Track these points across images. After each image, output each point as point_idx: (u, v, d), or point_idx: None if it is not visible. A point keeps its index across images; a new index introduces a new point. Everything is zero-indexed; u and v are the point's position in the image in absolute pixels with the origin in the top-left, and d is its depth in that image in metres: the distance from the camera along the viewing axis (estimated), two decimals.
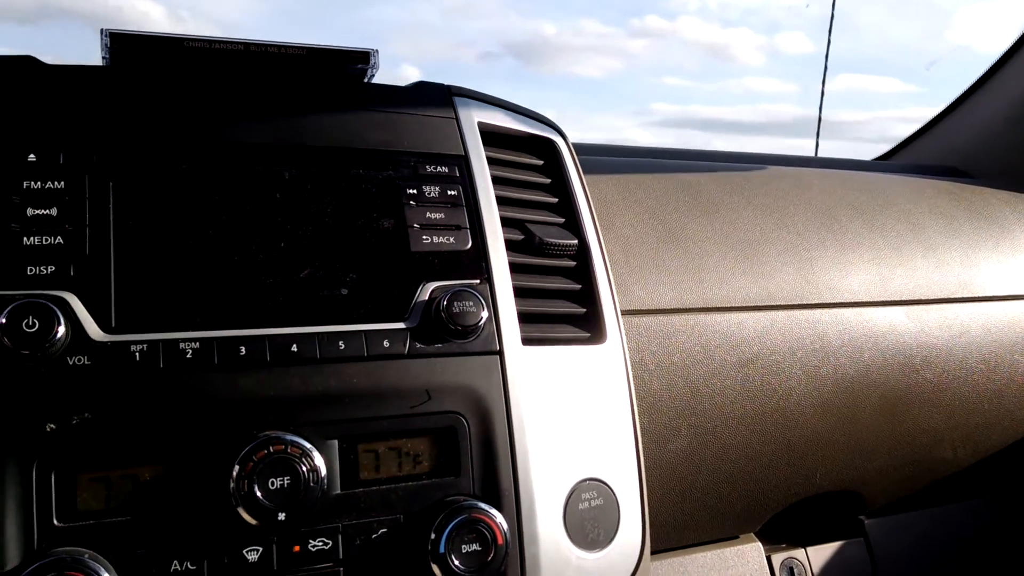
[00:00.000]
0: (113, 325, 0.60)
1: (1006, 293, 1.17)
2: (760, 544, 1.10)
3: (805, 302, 1.02)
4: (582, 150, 0.91)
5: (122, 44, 0.70)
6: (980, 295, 1.15)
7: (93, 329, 0.60)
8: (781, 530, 1.13)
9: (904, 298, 1.09)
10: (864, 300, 1.06)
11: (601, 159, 1.13)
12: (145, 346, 0.60)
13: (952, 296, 1.13)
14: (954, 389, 1.11)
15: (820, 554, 1.14)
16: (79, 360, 0.59)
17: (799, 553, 1.13)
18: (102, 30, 0.69)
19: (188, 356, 0.61)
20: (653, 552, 0.98)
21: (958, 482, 1.18)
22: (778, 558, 1.11)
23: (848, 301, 1.05)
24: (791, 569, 1.11)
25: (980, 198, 1.29)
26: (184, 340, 0.61)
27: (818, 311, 1.02)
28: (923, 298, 1.10)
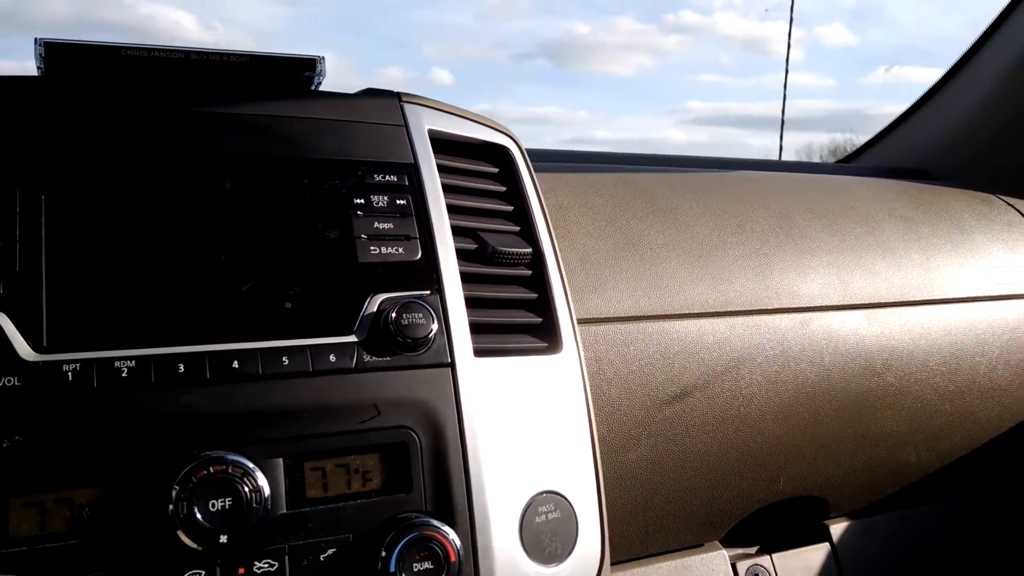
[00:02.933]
0: (44, 344, 0.58)
1: (966, 295, 1.17)
2: (725, 551, 1.09)
3: (764, 307, 1.01)
4: (537, 156, 0.90)
5: (57, 54, 0.68)
6: (940, 297, 1.15)
7: (23, 348, 0.57)
8: (746, 537, 1.12)
9: (864, 301, 1.09)
10: (824, 304, 1.05)
11: (558, 165, 1.12)
12: (78, 365, 0.58)
13: (912, 299, 1.13)
14: (916, 392, 1.11)
15: (786, 560, 1.14)
16: (8, 381, 0.56)
17: (764, 560, 1.12)
18: (36, 39, 0.67)
19: (123, 375, 0.59)
20: (616, 563, 0.97)
21: (922, 485, 1.18)
22: (743, 565, 1.10)
23: (808, 306, 1.04)
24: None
25: (940, 200, 1.30)
26: (119, 358, 0.59)
27: (778, 316, 1.02)
28: (883, 301, 1.10)
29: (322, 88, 0.79)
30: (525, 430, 0.72)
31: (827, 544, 1.16)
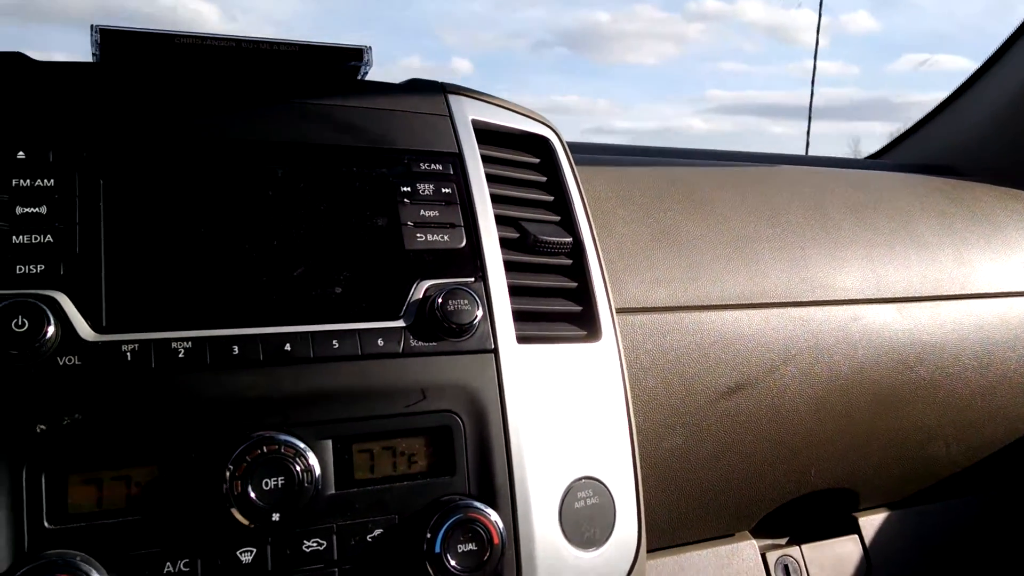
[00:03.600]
0: (104, 325, 0.59)
1: (998, 290, 1.17)
2: (755, 542, 1.10)
3: (799, 300, 1.02)
4: (576, 148, 0.91)
5: (112, 41, 0.69)
6: (973, 292, 1.15)
7: (84, 329, 0.59)
8: (776, 527, 1.13)
9: (897, 295, 1.09)
10: (857, 298, 1.06)
11: (596, 157, 1.13)
12: (136, 346, 0.59)
13: (945, 293, 1.13)
14: (947, 386, 1.11)
15: (815, 551, 1.14)
16: (69, 360, 0.58)
17: (794, 551, 1.13)
18: (92, 26, 0.69)
19: (180, 356, 0.60)
20: (649, 551, 0.98)
21: (952, 479, 1.18)
22: (773, 556, 1.11)
23: (842, 299, 1.04)
24: (786, 567, 1.11)
25: (971, 195, 1.30)
26: (176, 340, 0.61)
27: (812, 309, 1.02)
28: (916, 295, 1.10)
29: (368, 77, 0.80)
30: (565, 416, 0.73)
31: (856, 536, 1.16)
